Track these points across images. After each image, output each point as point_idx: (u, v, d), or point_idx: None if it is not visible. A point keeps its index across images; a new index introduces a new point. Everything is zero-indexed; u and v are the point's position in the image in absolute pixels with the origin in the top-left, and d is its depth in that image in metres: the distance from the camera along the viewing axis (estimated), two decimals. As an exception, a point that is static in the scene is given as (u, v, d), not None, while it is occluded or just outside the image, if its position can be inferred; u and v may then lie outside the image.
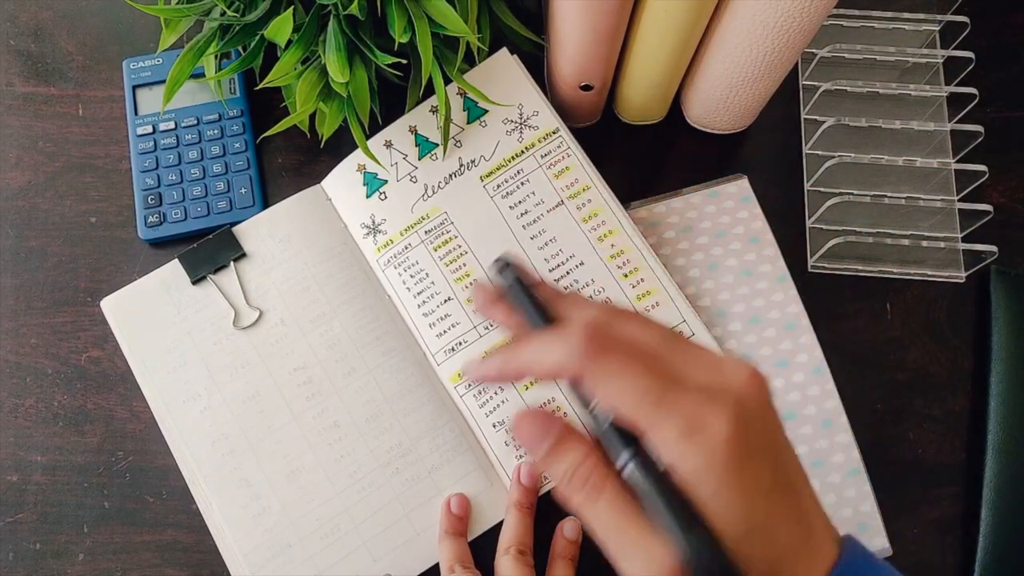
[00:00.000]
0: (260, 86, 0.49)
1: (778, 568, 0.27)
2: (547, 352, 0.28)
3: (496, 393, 0.50)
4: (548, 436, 0.28)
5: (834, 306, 0.54)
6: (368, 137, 0.53)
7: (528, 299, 0.31)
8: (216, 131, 0.57)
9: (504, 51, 0.54)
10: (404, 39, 0.45)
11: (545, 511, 0.49)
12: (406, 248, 0.52)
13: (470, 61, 0.54)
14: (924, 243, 0.52)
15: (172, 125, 0.57)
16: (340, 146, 0.55)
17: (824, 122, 0.54)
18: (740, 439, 0.26)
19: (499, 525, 0.49)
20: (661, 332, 0.29)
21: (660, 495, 0.26)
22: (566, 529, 0.49)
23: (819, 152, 0.56)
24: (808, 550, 0.28)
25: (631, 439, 0.27)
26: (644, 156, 0.58)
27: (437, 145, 0.53)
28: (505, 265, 0.32)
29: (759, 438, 0.27)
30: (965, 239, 0.54)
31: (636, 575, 0.26)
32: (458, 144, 0.53)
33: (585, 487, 0.28)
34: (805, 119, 0.58)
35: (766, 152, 0.58)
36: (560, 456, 0.28)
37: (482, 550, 0.48)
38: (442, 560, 0.47)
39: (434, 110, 0.54)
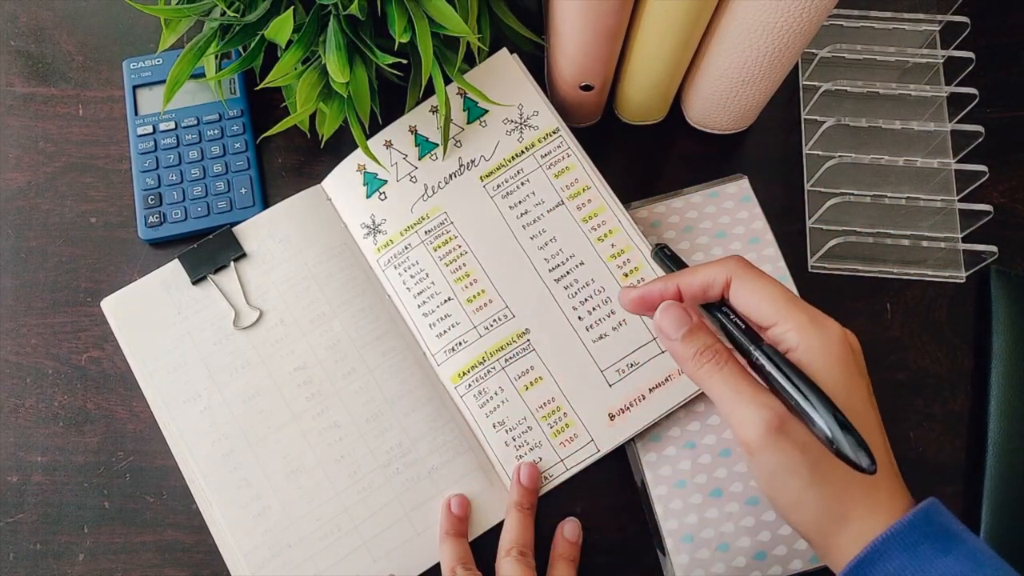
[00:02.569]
0: (260, 86, 0.49)
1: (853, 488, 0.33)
2: (704, 270, 0.36)
3: (496, 394, 0.50)
4: (685, 324, 0.36)
5: (834, 306, 0.53)
6: (368, 137, 0.53)
7: (676, 258, 0.41)
8: (216, 131, 0.57)
9: (504, 51, 0.54)
10: (404, 39, 0.45)
11: (545, 511, 0.49)
12: (406, 248, 0.52)
13: (470, 61, 0.54)
14: (924, 243, 0.52)
15: (172, 125, 0.57)
16: (340, 146, 0.55)
17: (824, 122, 0.54)
18: (849, 344, 0.34)
19: (499, 525, 0.49)
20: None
21: (787, 365, 0.33)
22: (566, 530, 0.49)
23: (819, 152, 0.56)
24: (897, 477, 0.34)
25: (757, 338, 0.35)
26: (644, 156, 0.58)
27: (437, 145, 0.53)
28: (663, 244, 0.42)
29: (860, 362, 0.34)
30: (965, 239, 0.54)
31: (747, 428, 0.33)
32: (458, 144, 0.53)
33: (713, 359, 0.35)
34: (805, 119, 0.58)
35: (766, 152, 0.58)
36: (695, 338, 0.35)
37: (483, 550, 0.48)
38: (443, 561, 0.47)
39: (434, 110, 0.54)
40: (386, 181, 0.54)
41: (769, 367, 0.34)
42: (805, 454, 0.32)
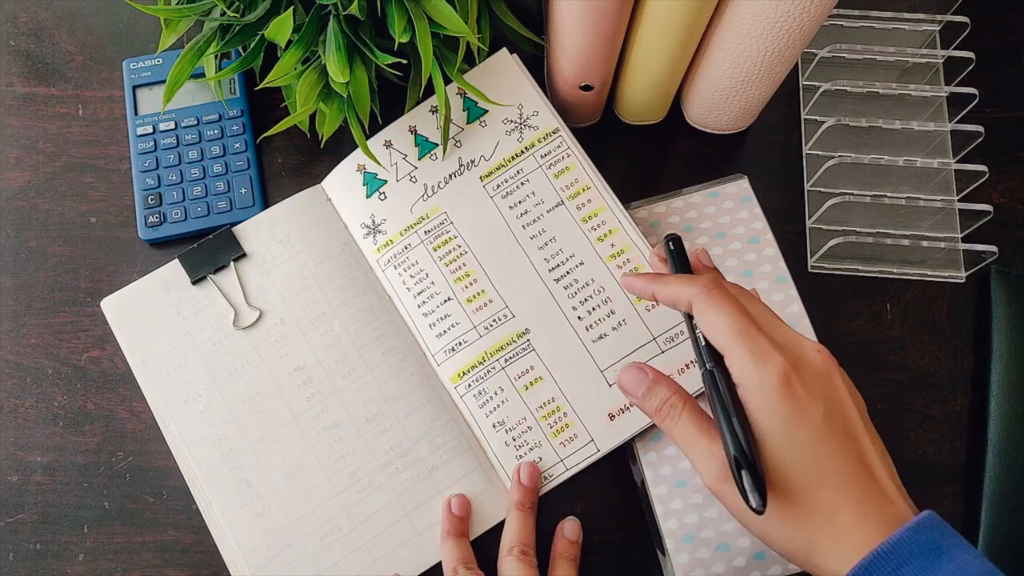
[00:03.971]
0: (260, 86, 0.49)
1: (831, 498, 0.33)
2: (675, 286, 0.39)
3: (496, 394, 0.50)
4: (643, 382, 0.40)
5: (834, 306, 0.54)
6: (368, 137, 0.53)
7: (680, 256, 0.43)
8: (216, 131, 0.57)
9: (504, 51, 0.54)
10: (404, 39, 0.45)
11: (545, 511, 0.49)
12: (406, 248, 0.52)
13: (470, 61, 0.54)
14: (924, 243, 0.52)
15: (172, 125, 0.57)
16: (340, 146, 0.55)
17: (824, 122, 0.54)
18: (794, 375, 0.34)
19: (500, 525, 0.49)
20: (764, 306, 0.38)
21: (717, 396, 0.36)
22: (566, 530, 0.49)
23: (819, 152, 0.56)
24: (873, 497, 0.33)
25: (719, 358, 0.37)
26: (644, 156, 0.58)
27: (437, 145, 0.53)
28: (674, 236, 0.43)
29: (815, 383, 0.35)
30: (965, 239, 0.54)
31: (702, 474, 0.36)
32: (458, 144, 0.53)
33: (670, 413, 0.38)
34: (805, 119, 0.58)
35: (766, 152, 0.58)
36: (652, 395, 0.39)
37: (483, 550, 0.48)
38: (445, 562, 0.47)
39: (434, 110, 0.54)
40: (386, 181, 0.54)
41: (707, 390, 0.37)
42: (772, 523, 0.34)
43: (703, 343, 0.38)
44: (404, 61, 0.46)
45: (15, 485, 0.51)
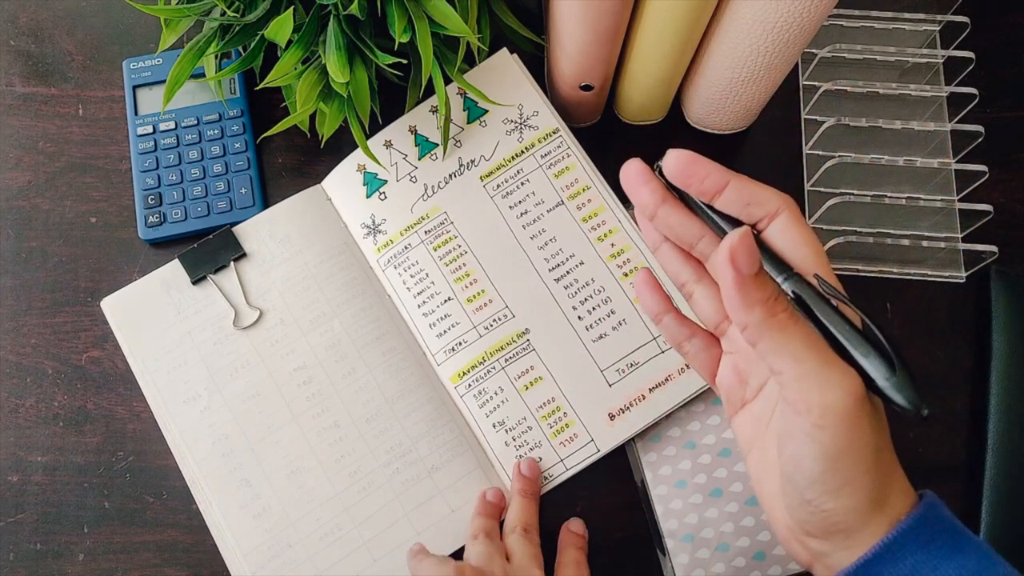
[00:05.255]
0: (260, 86, 0.49)
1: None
2: (758, 185, 0.32)
3: (496, 394, 0.50)
4: (758, 260, 0.29)
5: (834, 306, 0.54)
6: (368, 137, 0.53)
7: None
8: (216, 131, 0.57)
9: (504, 51, 0.54)
10: (404, 39, 0.45)
11: (545, 511, 0.49)
12: (406, 248, 0.52)
13: (470, 61, 0.54)
14: (924, 243, 0.52)
15: (172, 125, 0.57)
16: (340, 146, 0.55)
17: (824, 122, 0.54)
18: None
19: (500, 525, 0.49)
20: None
21: (821, 301, 0.30)
22: (572, 526, 0.50)
23: (819, 152, 0.56)
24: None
25: (787, 267, 0.31)
26: (644, 156, 0.58)
27: (437, 145, 0.53)
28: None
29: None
30: (965, 239, 0.54)
31: (828, 393, 0.28)
32: (458, 144, 0.53)
33: (789, 308, 0.29)
34: (805, 119, 0.58)
35: (766, 152, 0.58)
36: (767, 280, 0.30)
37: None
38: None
39: (434, 110, 0.54)
40: (386, 181, 0.54)
41: (807, 298, 0.30)
42: (879, 434, 0.31)
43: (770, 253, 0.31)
44: (404, 61, 0.46)
45: (15, 485, 0.51)
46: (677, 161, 0.33)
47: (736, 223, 0.32)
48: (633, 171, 0.34)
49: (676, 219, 0.34)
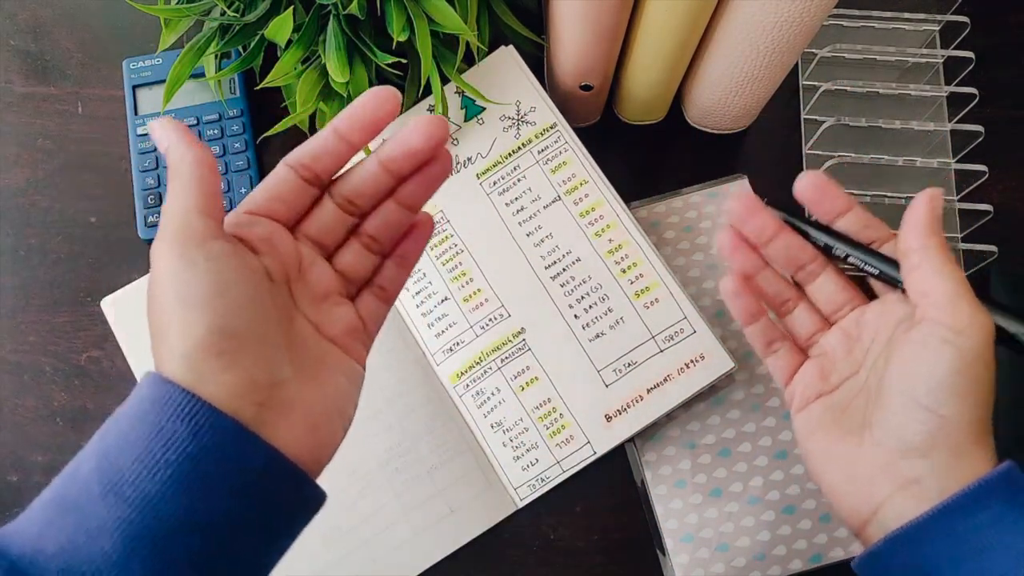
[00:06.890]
0: (260, 86, 0.49)
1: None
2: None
3: (493, 394, 0.50)
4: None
5: (834, 306, 0.54)
6: (368, 137, 0.53)
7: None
8: (216, 131, 0.57)
9: (504, 47, 0.54)
10: (403, 38, 0.45)
11: (545, 511, 0.49)
12: (405, 248, 0.52)
13: (469, 60, 0.53)
14: (924, 243, 0.52)
15: (172, 124, 0.57)
16: (340, 146, 0.55)
17: (824, 122, 0.54)
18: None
19: (500, 525, 0.49)
20: None
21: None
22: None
23: (819, 152, 0.56)
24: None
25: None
26: (644, 156, 0.58)
27: (437, 145, 0.53)
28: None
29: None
30: (965, 239, 0.54)
31: (971, 313, 0.34)
32: (455, 142, 0.53)
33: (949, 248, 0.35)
34: (805, 119, 0.58)
35: (766, 152, 0.58)
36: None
37: (483, 550, 0.48)
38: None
39: (431, 109, 0.54)
40: (385, 181, 0.53)
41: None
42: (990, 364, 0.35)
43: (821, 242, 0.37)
44: (404, 61, 0.46)
45: (15, 485, 0.51)
46: (815, 179, 0.38)
47: (851, 242, 0.37)
48: (749, 201, 0.38)
49: (796, 240, 0.38)
